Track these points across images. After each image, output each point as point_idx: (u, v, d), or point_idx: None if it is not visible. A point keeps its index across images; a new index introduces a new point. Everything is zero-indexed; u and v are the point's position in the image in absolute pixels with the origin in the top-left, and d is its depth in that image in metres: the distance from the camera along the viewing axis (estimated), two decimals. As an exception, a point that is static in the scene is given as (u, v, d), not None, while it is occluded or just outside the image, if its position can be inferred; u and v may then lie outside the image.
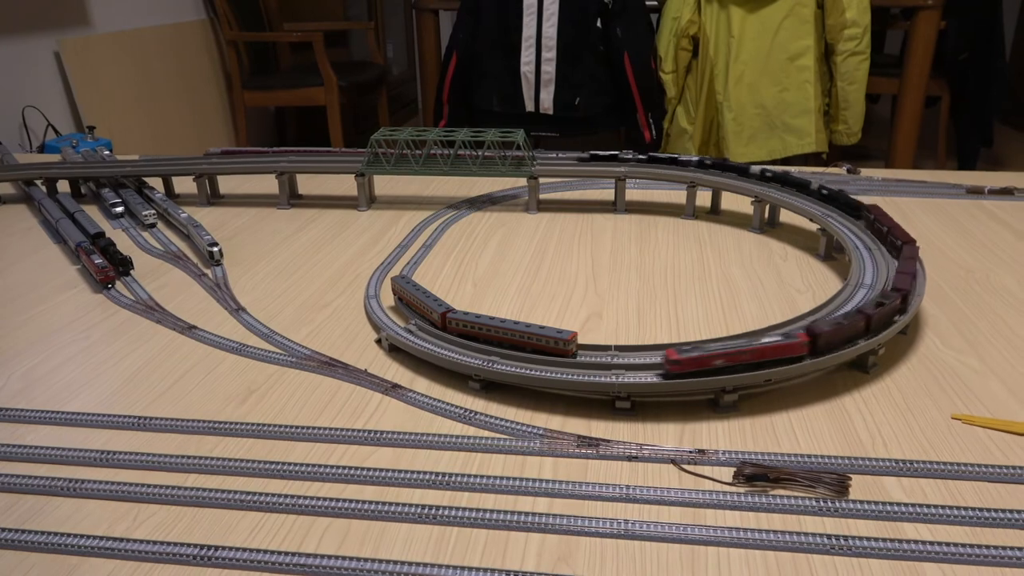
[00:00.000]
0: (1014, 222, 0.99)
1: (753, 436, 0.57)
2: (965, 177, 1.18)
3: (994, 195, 1.10)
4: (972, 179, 1.16)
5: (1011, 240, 0.93)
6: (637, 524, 0.47)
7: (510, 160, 1.06)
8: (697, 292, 0.81)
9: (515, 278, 0.85)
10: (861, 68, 2.00)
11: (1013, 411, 0.59)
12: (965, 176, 1.19)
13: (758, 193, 0.97)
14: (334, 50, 3.02)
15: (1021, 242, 0.93)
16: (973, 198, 1.09)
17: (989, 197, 1.10)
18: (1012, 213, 1.03)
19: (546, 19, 2.00)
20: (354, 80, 2.95)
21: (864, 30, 1.98)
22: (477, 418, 0.59)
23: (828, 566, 0.44)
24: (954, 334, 0.71)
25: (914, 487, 0.51)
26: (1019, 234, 0.95)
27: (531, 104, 2.10)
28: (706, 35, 2.06)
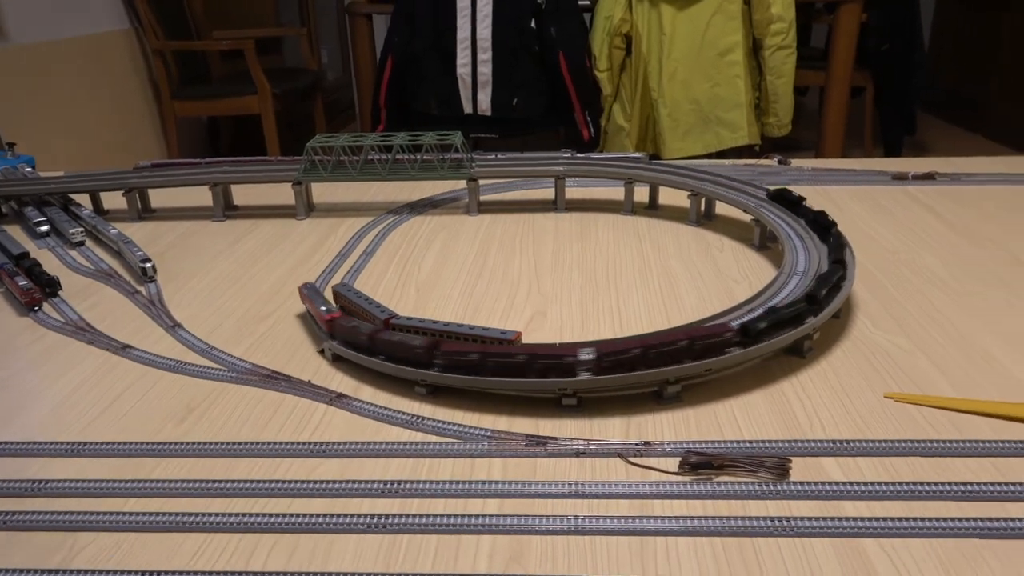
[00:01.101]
0: (936, 206, 1.04)
1: (697, 426, 0.58)
2: (890, 164, 1.23)
3: (917, 180, 1.14)
4: (897, 166, 1.21)
5: (934, 223, 0.97)
6: (587, 519, 0.48)
7: (449, 163, 1.06)
8: (638, 286, 0.82)
9: (458, 281, 0.85)
10: (788, 62, 2.06)
11: (941, 387, 0.62)
12: (890, 163, 1.24)
13: (694, 187, 0.99)
14: (267, 57, 2.96)
15: (943, 225, 0.97)
16: (898, 184, 1.14)
17: (913, 183, 1.14)
18: (934, 197, 1.07)
19: (480, 20, 2.01)
20: (288, 87, 2.91)
21: (790, 25, 2.04)
22: (424, 423, 0.59)
23: (772, 548, 0.45)
24: (884, 316, 0.74)
25: (851, 465, 0.52)
26: (941, 217, 0.99)
27: (469, 106, 2.10)
28: (638, 33, 2.09)
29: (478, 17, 2.01)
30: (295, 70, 3.28)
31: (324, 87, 3.32)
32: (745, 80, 2.05)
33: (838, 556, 0.44)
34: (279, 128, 2.79)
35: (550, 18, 2.05)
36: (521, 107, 2.08)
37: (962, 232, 0.94)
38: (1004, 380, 0.62)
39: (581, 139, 2.14)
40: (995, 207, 1.02)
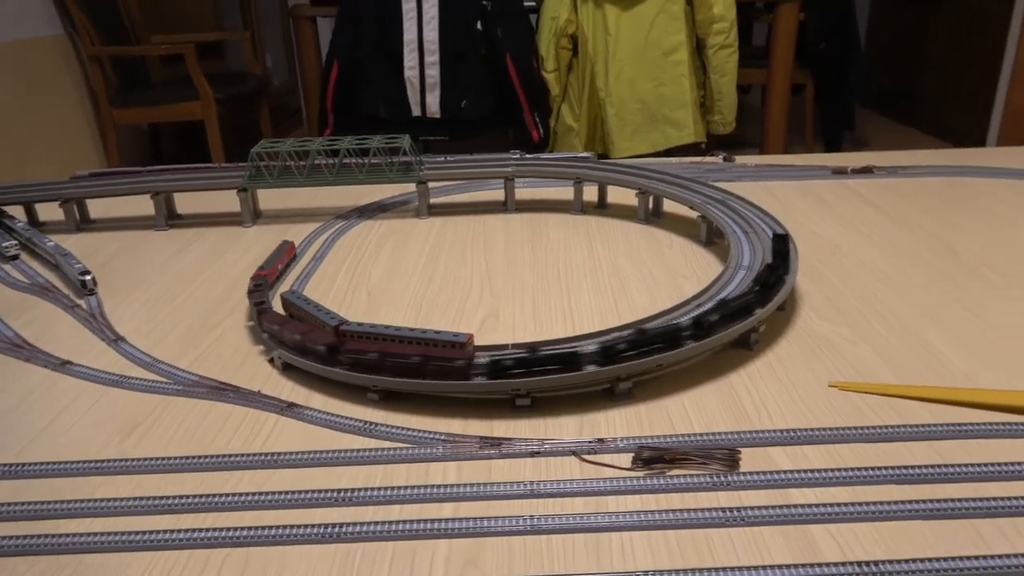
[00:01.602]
0: (875, 198, 1.07)
1: (649, 421, 0.58)
2: (831, 159, 1.26)
3: (856, 174, 1.18)
4: (837, 160, 1.24)
5: (873, 215, 1.00)
6: (542, 518, 0.48)
7: (397, 166, 1.05)
8: (589, 285, 0.83)
9: (410, 285, 0.85)
10: (731, 60, 2.10)
11: (883, 375, 0.63)
12: (831, 158, 1.27)
13: (641, 186, 1.00)
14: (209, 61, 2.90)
15: (882, 217, 1.00)
16: (838, 178, 1.17)
17: (852, 176, 1.17)
18: (873, 190, 1.11)
19: (426, 23, 2.00)
20: (232, 92, 2.85)
21: (731, 24, 2.08)
22: (377, 429, 0.58)
23: (724, 538, 0.46)
24: (827, 307, 0.76)
25: (798, 454, 0.54)
26: (880, 209, 1.02)
27: (417, 109, 2.09)
28: (584, 34, 2.11)
29: (424, 20, 2.00)
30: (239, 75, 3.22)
31: (269, 92, 3.27)
32: (690, 79, 2.08)
33: (787, 542, 0.45)
34: (224, 134, 2.73)
35: (496, 20, 2.05)
36: (470, 109, 2.08)
37: (900, 223, 0.97)
38: (942, 366, 0.65)
39: (531, 140, 2.15)
40: (931, 199, 1.06)
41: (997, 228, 0.95)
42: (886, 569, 0.43)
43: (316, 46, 2.53)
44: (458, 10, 2.00)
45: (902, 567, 0.43)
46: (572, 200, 1.07)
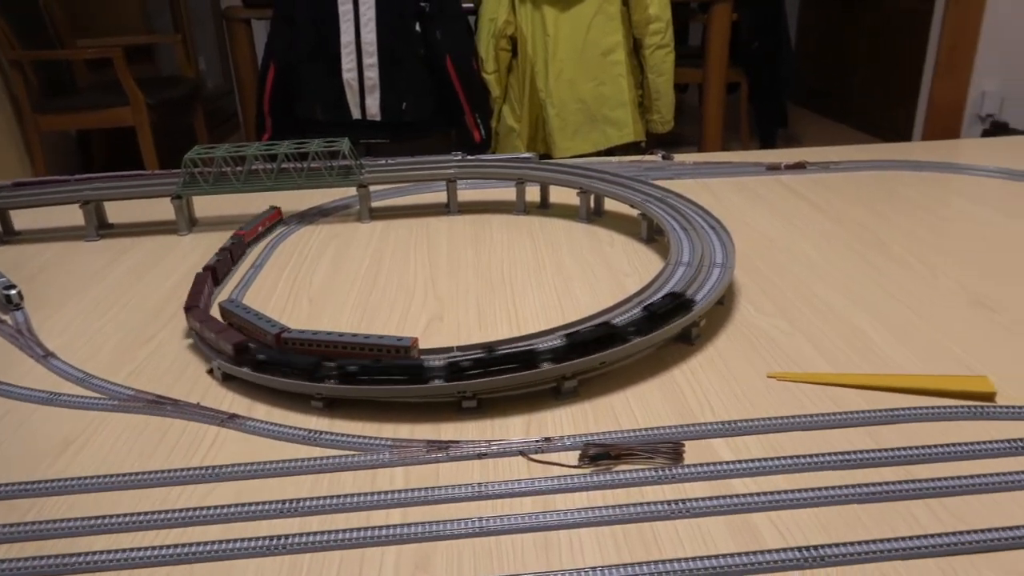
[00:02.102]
0: (807, 193, 1.10)
1: (595, 418, 0.59)
2: (765, 155, 1.30)
3: (790, 170, 1.21)
4: (771, 157, 1.27)
5: (806, 210, 1.03)
6: (491, 520, 0.48)
7: (337, 170, 1.04)
8: (533, 285, 0.83)
9: (352, 290, 0.84)
10: (667, 60, 2.13)
11: (819, 365, 0.65)
12: (765, 155, 1.31)
13: (582, 185, 1.01)
14: (139, 66, 2.82)
15: (815, 211, 1.03)
16: (772, 174, 1.20)
17: (785, 172, 1.21)
18: (806, 185, 1.14)
19: (364, 24, 1.98)
20: (164, 97, 2.78)
21: (667, 24, 2.11)
22: (323, 438, 0.57)
23: (670, 530, 0.47)
24: (765, 300, 0.78)
25: (739, 445, 0.55)
26: (812, 203, 1.05)
27: (357, 112, 2.07)
28: (523, 35, 2.11)
29: (361, 21, 1.98)
30: (171, 79, 3.13)
31: (204, 96, 3.19)
32: (628, 79, 2.11)
33: (730, 531, 0.47)
34: (157, 140, 2.66)
35: (435, 21, 2.04)
36: (410, 111, 2.06)
37: (832, 217, 1.00)
38: (874, 354, 0.67)
39: (473, 141, 2.15)
40: (860, 192, 1.10)
41: (922, 219, 0.99)
42: (825, 553, 0.44)
43: (251, 48, 2.48)
44: (395, 11, 1.98)
45: (840, 550, 0.44)
46: (515, 201, 1.07)
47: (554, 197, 1.10)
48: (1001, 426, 0.56)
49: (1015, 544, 0.45)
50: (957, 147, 1.39)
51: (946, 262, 0.85)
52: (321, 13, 1.99)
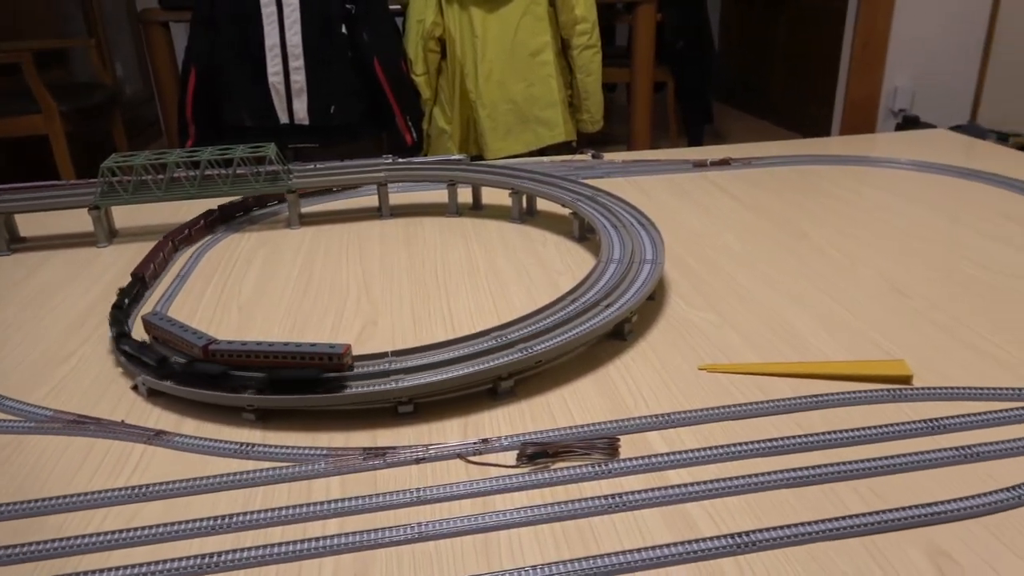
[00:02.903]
0: (732, 188, 1.13)
1: (532, 417, 0.59)
2: (691, 153, 1.33)
3: (715, 166, 1.24)
4: (697, 154, 1.30)
5: (731, 204, 1.06)
6: (430, 525, 0.48)
7: (264, 176, 1.01)
8: (468, 287, 0.83)
9: (283, 297, 0.82)
10: (595, 60, 2.16)
11: (747, 355, 0.67)
12: (691, 152, 1.34)
13: (514, 185, 1.02)
14: (51, 72, 2.70)
15: (740, 205, 1.06)
16: (698, 171, 1.23)
17: (711, 168, 1.24)
18: (730, 180, 1.17)
19: (288, 27, 1.94)
20: (79, 104, 2.66)
21: (593, 25, 2.14)
22: (255, 450, 0.56)
23: (607, 524, 0.48)
24: (694, 294, 0.79)
25: (673, 437, 0.56)
26: (737, 198, 1.08)
27: (285, 116, 2.03)
28: (451, 36, 2.11)
29: (286, 24, 1.94)
30: (86, 85, 3.01)
31: (122, 102, 3.08)
32: (557, 79, 2.13)
33: (666, 522, 0.47)
34: (73, 149, 2.55)
35: (362, 23, 2.02)
36: (339, 114, 2.03)
37: (756, 211, 1.03)
38: (799, 342, 0.69)
39: (404, 144, 2.13)
40: (782, 187, 1.13)
41: (840, 211, 1.03)
42: (756, 538, 0.46)
43: (170, 52, 2.40)
44: (321, 13, 1.95)
45: (770, 534, 0.46)
46: (447, 203, 1.07)
47: (487, 198, 1.10)
48: (918, 407, 0.59)
49: (933, 520, 0.47)
50: (872, 141, 1.45)
51: (864, 251, 0.89)
52: (243, 15, 1.94)
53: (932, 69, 2.91)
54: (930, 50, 2.89)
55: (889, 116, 2.98)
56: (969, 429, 0.56)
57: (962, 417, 0.57)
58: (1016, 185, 1.10)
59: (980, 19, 2.88)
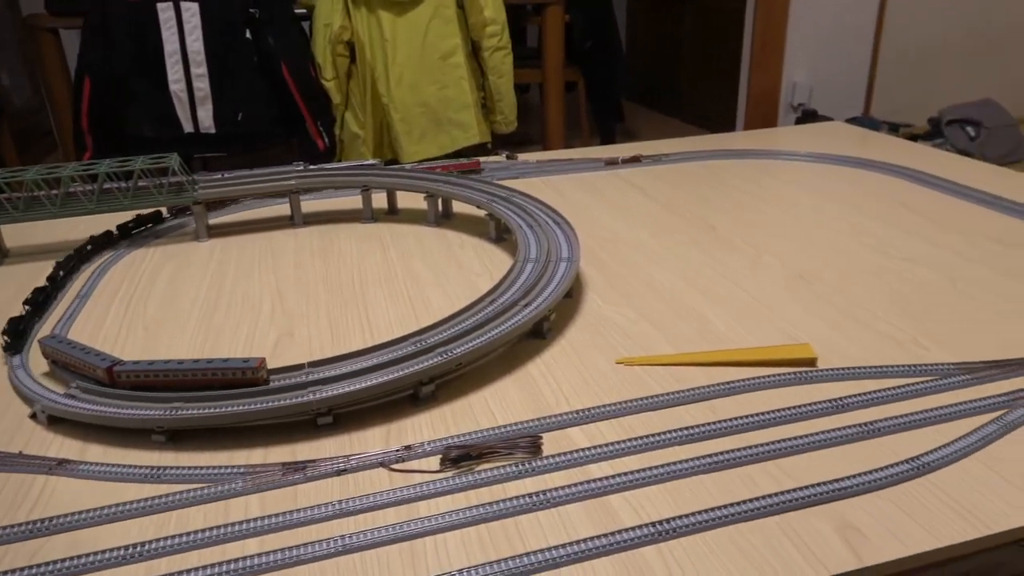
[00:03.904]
0: (643, 185, 1.16)
1: (454, 421, 0.59)
2: (603, 151, 1.35)
3: (626, 164, 1.27)
4: (609, 152, 1.33)
5: (643, 201, 1.09)
6: (354, 536, 0.47)
7: (168, 188, 0.98)
8: (386, 293, 0.82)
9: (193, 313, 0.79)
10: (506, 62, 2.17)
11: (662, 347, 0.69)
12: (603, 150, 1.36)
13: (429, 189, 1.01)
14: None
15: (650, 201, 1.08)
16: (610, 169, 1.25)
17: (623, 166, 1.26)
18: (642, 177, 1.20)
19: (188, 32, 1.87)
20: (-37, 116, 2.50)
21: (502, 27, 2.15)
22: (167, 473, 0.54)
23: (533, 522, 0.48)
24: (609, 290, 0.81)
25: (593, 431, 0.57)
26: (648, 195, 1.11)
27: (189, 125, 1.96)
28: (360, 40, 2.08)
29: (186, 29, 1.87)
30: (-31, 96, 2.82)
31: (11, 113, 2.91)
32: (469, 81, 2.13)
33: (589, 516, 0.48)
34: (-43, 165, 2.39)
35: (266, 28, 1.97)
36: (247, 122, 1.97)
37: (666, 206, 1.06)
38: (710, 331, 0.71)
39: (317, 150, 2.09)
40: (690, 182, 1.17)
41: (745, 204, 1.06)
42: (676, 525, 0.47)
43: (62, 60, 2.28)
44: (222, 18, 1.89)
45: (689, 520, 0.47)
46: (362, 208, 1.05)
47: (402, 203, 1.09)
48: (823, 388, 0.62)
49: (841, 495, 0.49)
50: (774, 135, 1.51)
51: (768, 241, 0.92)
52: (139, 21, 1.86)
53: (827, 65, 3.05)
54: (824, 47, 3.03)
55: (789, 110, 3.11)
56: (870, 406, 0.59)
57: (863, 395, 0.60)
58: (907, 173, 1.17)
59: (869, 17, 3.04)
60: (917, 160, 1.23)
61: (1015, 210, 0.99)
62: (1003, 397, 0.59)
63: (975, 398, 0.59)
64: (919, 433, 0.56)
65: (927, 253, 0.87)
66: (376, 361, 0.61)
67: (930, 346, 0.67)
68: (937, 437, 0.55)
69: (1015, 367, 0.63)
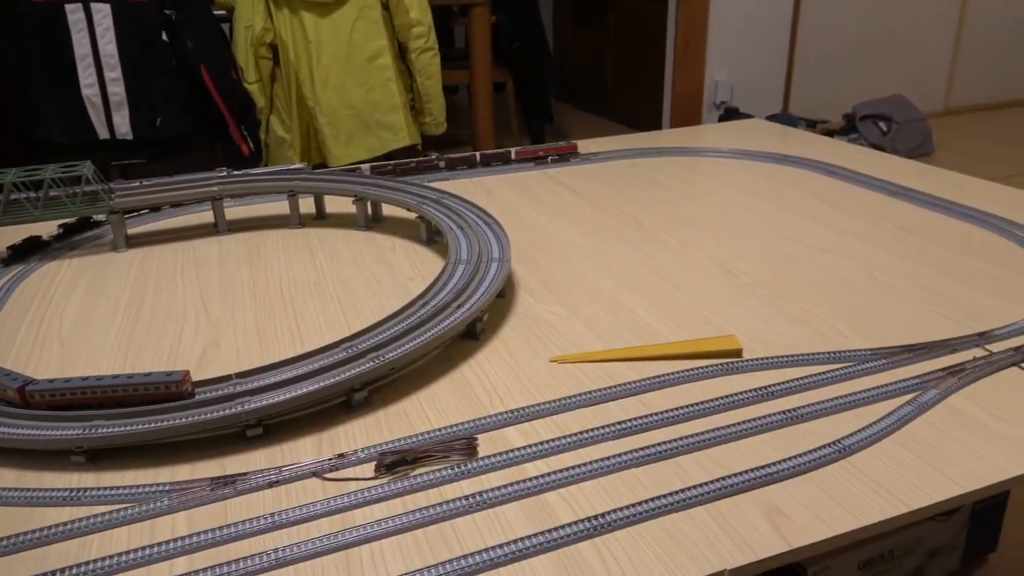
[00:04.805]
0: (572, 183, 1.17)
1: (388, 426, 0.58)
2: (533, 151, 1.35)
3: (555, 163, 1.28)
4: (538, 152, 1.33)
5: (573, 199, 1.10)
6: (287, 549, 0.46)
7: (81, 197, 0.94)
8: (315, 299, 0.81)
9: (112, 326, 0.76)
10: (433, 63, 2.16)
11: (594, 344, 0.70)
12: (533, 150, 1.37)
13: (357, 192, 1.00)
14: None
15: (580, 200, 1.09)
16: (540, 168, 1.26)
17: (552, 165, 1.27)
18: (571, 176, 1.21)
19: (100, 35, 1.80)
20: None
21: (429, 28, 2.14)
22: (88, 495, 0.52)
23: (470, 524, 0.48)
24: (542, 288, 0.81)
25: (528, 430, 0.57)
26: (577, 193, 1.12)
27: (104, 131, 1.88)
28: (283, 42, 2.04)
29: (97, 32, 1.80)
30: None
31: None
32: (397, 83, 2.11)
33: (526, 515, 0.48)
34: None
35: (184, 30, 1.91)
36: (166, 127, 1.91)
37: (595, 204, 1.07)
38: (641, 328, 0.73)
39: (242, 155, 2.04)
40: (618, 179, 1.19)
41: (672, 200, 1.09)
42: (611, 518, 0.47)
43: (-37, 65, 2.16)
44: (136, 20, 1.82)
45: (623, 513, 0.48)
46: (289, 214, 1.03)
47: (331, 207, 1.07)
48: (748, 377, 0.64)
49: (768, 480, 0.51)
50: (698, 132, 1.55)
51: (694, 236, 0.95)
52: (47, 22, 1.78)
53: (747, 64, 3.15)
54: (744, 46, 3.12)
55: (712, 109, 3.19)
56: (793, 393, 0.61)
57: (787, 383, 0.62)
58: (824, 168, 1.22)
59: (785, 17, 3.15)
60: (833, 155, 1.28)
61: (924, 200, 1.04)
62: (916, 380, 0.62)
63: (891, 381, 0.62)
64: (840, 417, 0.58)
65: (843, 244, 0.91)
66: (306, 369, 0.60)
67: (848, 333, 0.70)
68: (857, 420, 0.57)
69: (926, 351, 0.67)
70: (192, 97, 1.96)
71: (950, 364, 0.64)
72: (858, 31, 3.25)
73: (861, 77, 3.32)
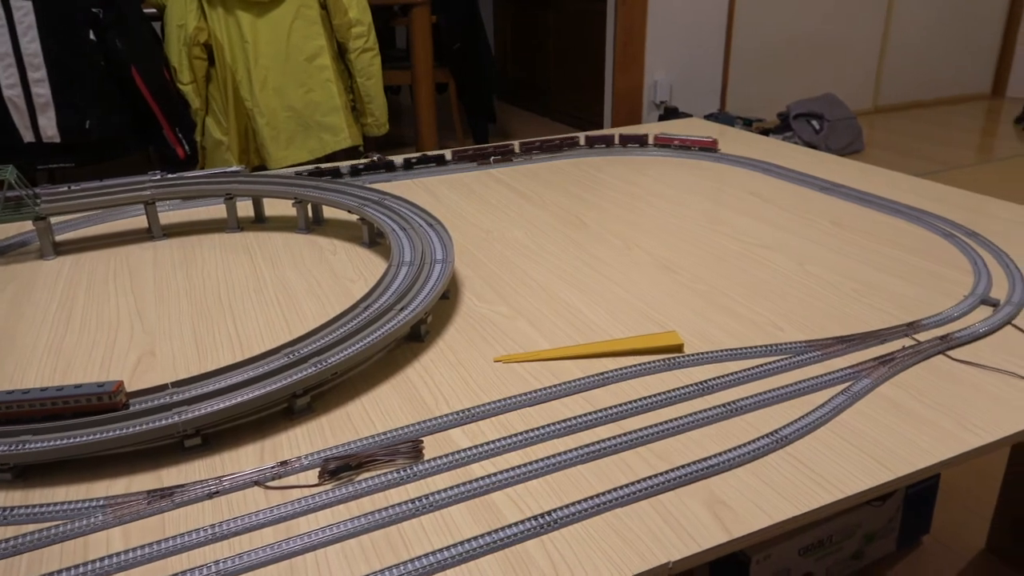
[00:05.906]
0: (513, 182, 1.17)
1: (332, 431, 0.58)
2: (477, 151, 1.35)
3: (497, 163, 1.28)
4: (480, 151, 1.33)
5: (515, 199, 1.10)
6: (228, 561, 0.45)
7: (4, 203, 0.90)
8: (255, 304, 0.79)
9: (40, 337, 0.73)
10: (374, 64, 2.14)
11: (538, 343, 0.70)
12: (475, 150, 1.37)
13: (296, 194, 0.98)
14: None
15: (522, 199, 1.10)
16: (482, 168, 1.26)
17: (493, 165, 1.27)
18: (512, 175, 1.21)
19: (22, 33, 1.73)
20: None
21: (368, 28, 2.12)
22: (15, 514, 0.50)
23: (416, 528, 0.48)
24: (486, 288, 0.81)
25: (474, 431, 0.57)
26: (519, 192, 1.13)
27: (29, 134, 1.81)
28: (219, 42, 1.99)
29: (19, 30, 1.73)
30: None
31: None
32: (337, 84, 2.09)
33: (472, 516, 0.48)
34: None
35: (113, 29, 1.85)
36: (96, 129, 1.85)
37: (537, 203, 1.08)
38: (585, 325, 0.73)
39: (177, 158, 1.98)
40: (561, 179, 1.19)
41: (613, 199, 1.10)
42: (557, 516, 0.48)
43: None
44: (62, 18, 1.76)
45: (569, 510, 0.48)
46: (226, 218, 1.01)
47: (270, 210, 1.05)
48: (689, 372, 0.65)
49: (710, 472, 0.52)
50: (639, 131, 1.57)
51: (635, 234, 0.96)
52: (-36, 22, 1.70)
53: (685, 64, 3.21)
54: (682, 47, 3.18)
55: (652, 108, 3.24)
56: (733, 386, 0.63)
57: (726, 377, 0.63)
58: (760, 165, 1.25)
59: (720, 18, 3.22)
60: (768, 153, 1.31)
61: (855, 196, 1.08)
62: (848, 370, 0.64)
63: (824, 372, 0.64)
64: (777, 408, 0.60)
65: (777, 239, 0.94)
66: (246, 376, 0.58)
67: (784, 326, 0.72)
68: (793, 411, 0.59)
69: (858, 341, 0.69)
70: (123, 98, 1.90)
71: (881, 354, 0.67)
72: (790, 31, 3.35)
73: (794, 77, 3.41)
